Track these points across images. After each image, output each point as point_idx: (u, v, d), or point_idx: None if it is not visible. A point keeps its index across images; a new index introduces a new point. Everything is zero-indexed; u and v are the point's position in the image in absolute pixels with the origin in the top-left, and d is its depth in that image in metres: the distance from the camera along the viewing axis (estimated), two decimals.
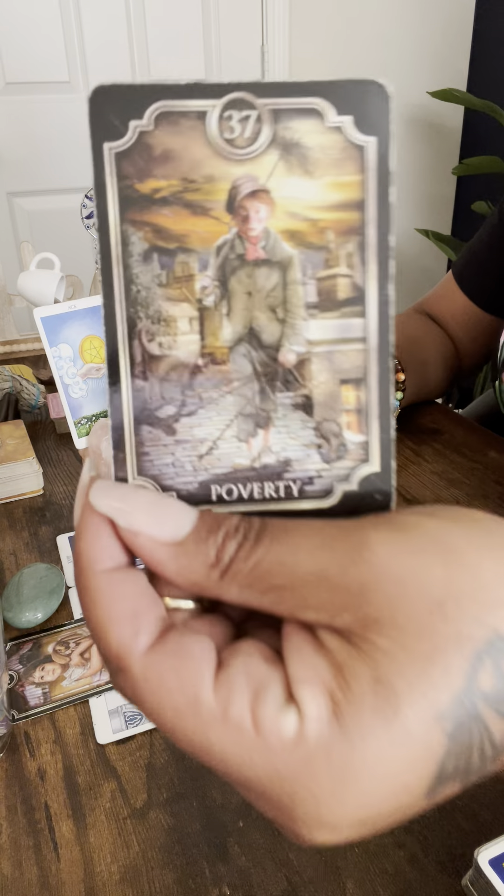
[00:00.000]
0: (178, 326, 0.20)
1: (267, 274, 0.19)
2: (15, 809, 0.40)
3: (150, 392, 0.20)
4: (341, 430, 0.20)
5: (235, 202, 0.19)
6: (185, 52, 2.03)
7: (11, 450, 0.74)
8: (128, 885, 0.36)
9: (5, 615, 0.54)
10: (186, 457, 0.20)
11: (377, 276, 0.19)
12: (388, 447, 0.20)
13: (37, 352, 1.16)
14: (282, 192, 0.19)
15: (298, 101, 0.18)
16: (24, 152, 1.98)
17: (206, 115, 0.18)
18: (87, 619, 0.19)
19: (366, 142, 0.19)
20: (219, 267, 0.19)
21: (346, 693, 0.16)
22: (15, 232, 2.06)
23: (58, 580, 0.57)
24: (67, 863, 0.37)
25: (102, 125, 0.18)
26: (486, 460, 0.78)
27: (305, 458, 0.20)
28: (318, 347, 0.20)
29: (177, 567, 0.18)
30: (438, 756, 0.16)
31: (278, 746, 0.16)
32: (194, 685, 0.17)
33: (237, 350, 0.20)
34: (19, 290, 1.05)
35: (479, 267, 0.91)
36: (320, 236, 0.19)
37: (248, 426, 0.20)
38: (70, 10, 1.88)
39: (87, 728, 0.45)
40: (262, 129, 0.19)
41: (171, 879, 0.36)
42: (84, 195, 1.09)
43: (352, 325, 0.20)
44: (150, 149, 0.18)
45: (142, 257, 0.19)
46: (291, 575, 0.17)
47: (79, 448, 0.76)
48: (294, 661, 0.17)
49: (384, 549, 0.17)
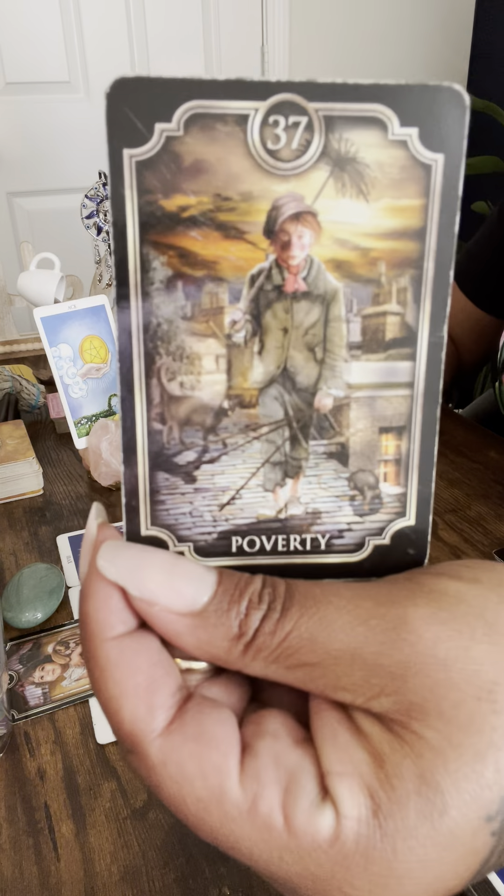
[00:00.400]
0: (202, 365, 0.17)
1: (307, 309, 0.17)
2: (15, 809, 0.40)
3: (168, 436, 0.18)
4: (377, 481, 0.18)
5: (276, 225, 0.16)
6: (185, 52, 2.03)
7: (11, 450, 0.74)
8: (128, 885, 0.36)
9: (5, 615, 0.54)
10: (206, 506, 0.18)
11: (431, 315, 0.17)
12: (426, 501, 0.19)
13: (37, 352, 1.16)
14: (330, 215, 0.16)
15: (357, 107, 0.16)
16: (24, 152, 1.98)
17: (248, 119, 0.16)
18: (96, 691, 0.17)
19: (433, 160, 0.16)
20: (252, 299, 0.17)
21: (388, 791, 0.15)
22: (15, 232, 2.06)
23: (58, 580, 0.57)
24: (67, 863, 0.37)
25: (122, 127, 0.15)
26: (486, 460, 0.78)
27: (336, 511, 0.19)
28: (358, 392, 0.18)
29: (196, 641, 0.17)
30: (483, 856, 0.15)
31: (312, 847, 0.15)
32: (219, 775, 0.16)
33: (268, 392, 0.18)
34: (19, 290, 1.05)
35: (479, 267, 0.91)
36: (371, 268, 0.17)
37: (275, 475, 0.18)
38: (70, 10, 1.88)
39: (87, 728, 0.45)
40: (313, 140, 0.16)
41: (171, 879, 0.36)
42: (84, 195, 1.09)
43: (398, 368, 0.18)
44: (179, 158, 0.16)
45: (164, 285, 0.17)
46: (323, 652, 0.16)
47: (79, 448, 0.76)
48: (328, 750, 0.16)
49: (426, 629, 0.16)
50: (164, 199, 0.16)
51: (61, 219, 1.97)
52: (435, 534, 0.65)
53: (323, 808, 0.15)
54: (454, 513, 0.68)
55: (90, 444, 0.72)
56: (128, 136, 0.15)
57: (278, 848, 0.15)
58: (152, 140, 0.16)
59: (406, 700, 0.15)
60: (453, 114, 0.16)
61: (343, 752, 0.16)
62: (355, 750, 0.16)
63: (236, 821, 0.15)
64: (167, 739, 0.16)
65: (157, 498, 0.18)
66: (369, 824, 0.15)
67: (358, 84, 0.16)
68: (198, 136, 0.16)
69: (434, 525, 0.67)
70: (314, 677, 0.16)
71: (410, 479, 0.18)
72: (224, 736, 0.16)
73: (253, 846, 0.15)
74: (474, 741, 0.15)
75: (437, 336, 0.17)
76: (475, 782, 0.15)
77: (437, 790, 0.15)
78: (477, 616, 0.16)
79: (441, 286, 0.17)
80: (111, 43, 1.95)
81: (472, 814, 0.15)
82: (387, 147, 0.16)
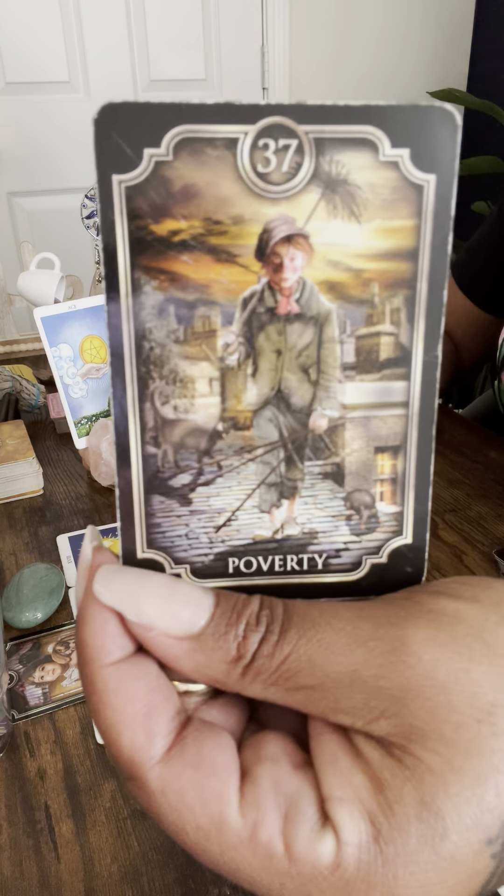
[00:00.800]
0: (196, 388, 0.17)
1: (300, 330, 0.17)
2: (15, 809, 0.40)
3: (162, 459, 0.18)
4: (374, 501, 0.18)
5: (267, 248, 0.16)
6: (185, 52, 2.03)
7: (11, 450, 0.74)
8: (128, 885, 0.36)
9: (5, 615, 0.54)
10: (202, 528, 0.18)
11: (425, 335, 0.17)
12: (423, 519, 0.19)
13: (37, 352, 1.16)
14: (322, 237, 0.16)
15: (348, 129, 0.16)
16: (24, 152, 1.98)
17: (237, 143, 0.16)
18: (94, 718, 0.17)
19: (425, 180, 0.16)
20: (245, 322, 0.17)
21: (389, 817, 0.15)
22: (15, 232, 2.06)
23: (58, 580, 0.57)
24: (67, 863, 0.37)
25: (111, 153, 0.15)
26: (486, 460, 0.78)
27: (333, 530, 0.19)
28: (353, 412, 0.18)
29: (194, 664, 0.17)
30: (483, 879, 0.15)
31: (313, 874, 0.15)
32: (218, 803, 0.16)
33: (262, 414, 0.18)
34: (19, 290, 1.05)
35: (479, 267, 0.91)
36: (364, 289, 0.17)
37: (271, 496, 0.18)
38: (70, 10, 1.88)
39: (87, 728, 0.45)
40: (303, 162, 0.16)
41: (171, 879, 0.36)
42: (84, 195, 1.09)
43: (393, 388, 0.18)
44: (169, 183, 0.16)
45: (156, 310, 0.17)
46: (322, 675, 0.16)
47: (79, 448, 0.76)
48: (328, 775, 0.16)
49: (425, 651, 0.16)
50: (154, 223, 0.16)
51: (61, 219, 1.97)
52: (435, 534, 0.65)
53: (324, 835, 0.15)
54: (454, 513, 0.68)
55: (90, 444, 0.72)
56: (117, 162, 0.15)
57: (279, 875, 0.15)
58: (141, 165, 0.16)
59: (406, 723, 0.15)
60: (445, 134, 0.16)
61: (343, 776, 0.16)
62: (355, 774, 0.16)
63: (237, 848, 0.15)
64: (166, 767, 0.16)
65: (152, 521, 0.18)
66: (370, 850, 0.15)
67: (348, 105, 0.16)
68: (187, 160, 0.16)
69: (434, 525, 0.67)
70: (313, 700, 0.16)
71: (407, 497, 0.19)
72: (223, 762, 0.16)
73: (254, 873, 0.15)
74: (475, 764, 0.15)
75: (432, 355, 0.17)
76: (476, 806, 0.15)
77: (438, 815, 0.15)
78: (476, 637, 0.16)
79: (435, 305, 0.17)
80: (111, 43, 1.95)
81: (473, 837, 0.15)
82: (378, 168, 0.16)
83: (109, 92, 2.00)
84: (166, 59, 2.02)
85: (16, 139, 1.96)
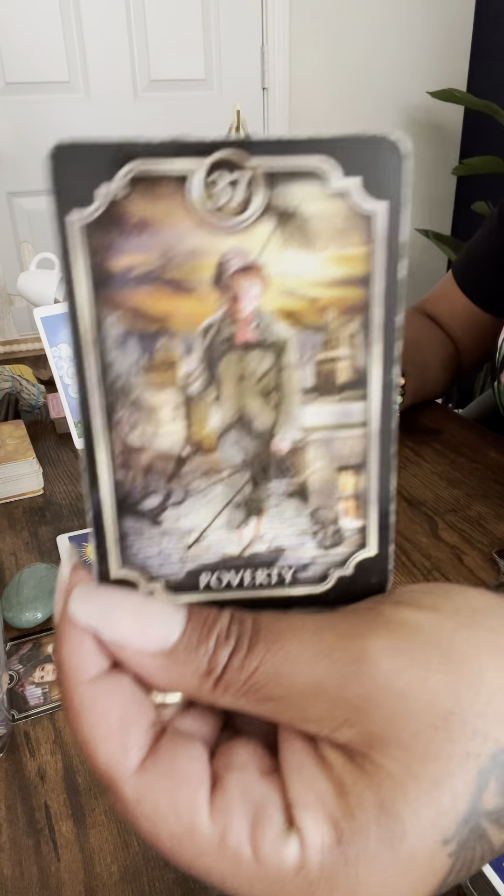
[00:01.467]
0: (160, 416, 0.18)
1: (259, 357, 0.18)
2: (15, 809, 0.40)
3: (131, 485, 0.18)
4: (338, 517, 0.19)
5: (223, 279, 0.17)
6: (185, 52, 2.03)
7: (11, 450, 0.74)
8: (128, 885, 0.36)
9: (5, 615, 0.54)
10: (173, 547, 0.19)
11: (382, 358, 0.18)
12: (386, 532, 0.19)
13: (37, 352, 1.16)
14: (276, 267, 0.17)
15: (297, 161, 0.16)
16: (24, 152, 1.98)
17: (188, 178, 0.16)
18: (73, 732, 0.18)
19: (376, 208, 0.17)
20: (205, 350, 0.17)
21: (350, 822, 0.16)
22: (15, 232, 2.06)
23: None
24: (67, 863, 0.37)
25: (66, 191, 0.16)
26: (486, 460, 0.78)
27: (300, 546, 0.19)
28: (314, 434, 0.18)
29: (167, 678, 0.17)
30: (441, 875, 0.16)
31: (279, 875, 0.16)
32: (190, 812, 0.16)
33: (226, 438, 0.18)
34: (19, 290, 1.05)
35: (479, 267, 0.91)
36: (319, 316, 0.17)
37: (238, 516, 0.19)
38: (70, 10, 1.88)
39: None
40: (255, 195, 0.16)
41: (171, 879, 0.36)
42: None
43: (352, 409, 0.18)
44: (123, 219, 0.16)
45: (118, 342, 0.17)
46: (289, 686, 0.17)
47: (78, 448, 0.76)
48: (294, 782, 0.17)
49: (385, 661, 0.16)
50: (111, 259, 0.16)
51: None
52: (435, 534, 0.65)
53: (288, 839, 0.16)
54: (454, 513, 0.68)
55: None
56: (72, 199, 0.16)
57: (248, 878, 0.16)
58: (96, 202, 0.16)
59: (367, 731, 0.16)
60: (392, 163, 0.16)
61: (308, 782, 0.16)
62: (320, 781, 0.16)
63: (208, 854, 0.16)
64: (141, 777, 0.17)
65: (125, 542, 0.19)
66: (332, 852, 0.16)
67: (296, 139, 0.16)
68: (141, 196, 0.16)
69: (434, 525, 0.67)
70: (281, 710, 0.17)
71: (370, 512, 0.19)
72: (195, 772, 0.17)
73: (225, 877, 0.16)
74: (431, 770, 0.16)
75: (388, 378, 0.18)
76: (433, 809, 0.16)
77: (397, 818, 0.16)
78: (433, 645, 0.17)
79: (389, 329, 0.18)
80: (111, 43, 1.95)
81: (430, 838, 0.16)
82: (329, 198, 0.16)
83: (109, 92, 2.00)
84: (166, 59, 2.02)
85: (16, 139, 1.96)
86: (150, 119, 2.05)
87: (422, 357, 0.87)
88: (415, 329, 0.92)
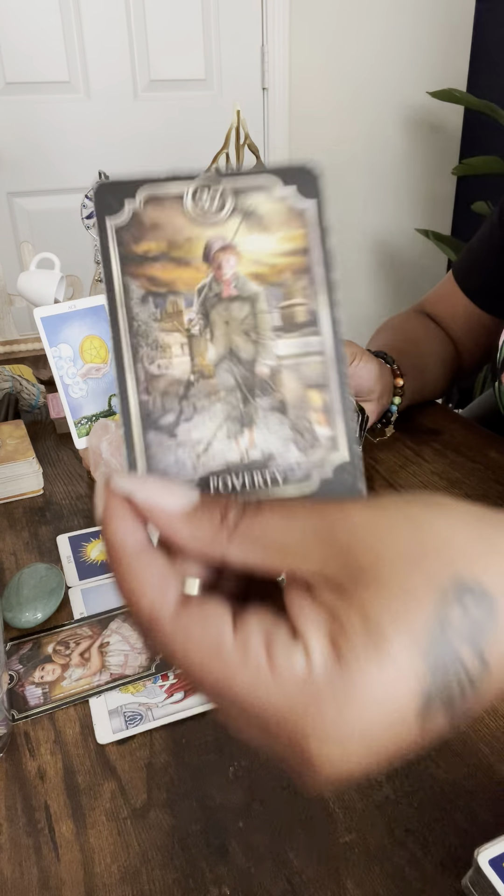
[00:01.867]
0: (172, 351, 0.24)
1: (240, 307, 0.25)
2: (15, 809, 0.40)
3: (153, 404, 0.24)
4: (312, 424, 0.25)
5: (210, 255, 0.25)
6: (185, 52, 2.03)
7: (11, 450, 0.74)
8: (128, 885, 0.36)
9: (5, 615, 0.54)
10: (187, 456, 0.24)
11: (327, 303, 0.25)
12: (353, 438, 0.25)
13: (37, 352, 1.16)
14: (245, 246, 0.25)
15: (252, 180, 0.25)
16: (24, 152, 1.98)
17: (183, 195, 0.25)
18: (120, 590, 0.22)
19: (306, 206, 0.25)
20: (201, 303, 0.25)
21: (342, 634, 0.20)
22: (15, 232, 2.06)
23: (57, 580, 0.57)
24: (67, 863, 0.37)
25: (106, 206, 0.24)
26: (486, 460, 0.78)
27: (286, 451, 0.25)
28: (286, 361, 0.25)
29: (189, 532, 0.22)
30: (424, 684, 0.19)
31: (290, 681, 0.20)
32: (218, 634, 0.21)
33: (221, 367, 0.25)
34: (19, 290, 1.05)
35: (479, 267, 0.91)
36: (279, 276, 0.25)
37: (235, 427, 0.25)
38: (70, 10, 1.88)
39: (87, 728, 0.45)
40: (227, 202, 0.25)
41: (171, 879, 0.36)
42: (84, 195, 1.09)
43: (310, 342, 0.25)
44: (142, 221, 0.24)
45: (140, 300, 0.24)
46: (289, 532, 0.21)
47: (79, 448, 0.76)
48: (296, 613, 0.21)
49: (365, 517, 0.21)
50: (134, 246, 0.25)
51: (61, 219, 1.97)
52: None
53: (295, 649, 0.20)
54: None
55: (90, 444, 0.72)
56: (109, 210, 0.24)
57: (266, 684, 0.20)
58: (124, 212, 0.24)
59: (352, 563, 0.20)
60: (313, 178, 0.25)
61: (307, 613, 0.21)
62: (316, 611, 0.20)
63: (232, 666, 0.20)
64: (177, 615, 0.21)
65: (149, 452, 0.24)
66: (331, 658, 0.19)
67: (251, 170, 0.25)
68: (153, 207, 0.25)
69: None
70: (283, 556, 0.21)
71: (336, 422, 0.25)
72: (219, 613, 0.21)
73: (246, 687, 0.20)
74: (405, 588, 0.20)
75: (334, 316, 0.25)
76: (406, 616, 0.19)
77: (378, 625, 0.19)
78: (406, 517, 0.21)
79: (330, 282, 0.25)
80: (111, 43, 1.95)
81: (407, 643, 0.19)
82: (276, 201, 0.25)
83: (109, 92, 2.00)
84: (166, 59, 2.02)
85: (16, 139, 1.96)
86: (150, 119, 2.05)
87: (422, 357, 0.87)
88: (415, 329, 0.92)
